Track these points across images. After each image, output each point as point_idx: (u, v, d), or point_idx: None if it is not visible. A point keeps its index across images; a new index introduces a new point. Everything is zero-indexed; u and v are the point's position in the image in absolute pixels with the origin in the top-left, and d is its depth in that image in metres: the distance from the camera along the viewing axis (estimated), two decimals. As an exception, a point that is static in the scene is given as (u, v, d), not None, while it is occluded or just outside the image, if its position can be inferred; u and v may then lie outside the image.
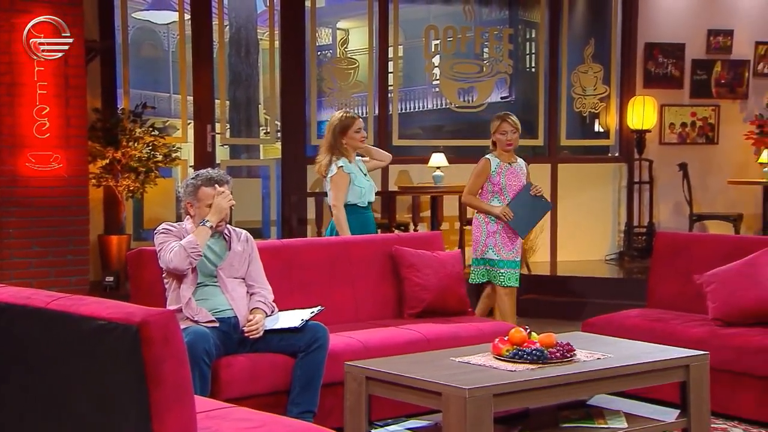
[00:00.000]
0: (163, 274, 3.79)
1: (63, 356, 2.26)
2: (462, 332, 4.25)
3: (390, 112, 8.08)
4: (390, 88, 8.12)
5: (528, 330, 3.37)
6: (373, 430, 3.26)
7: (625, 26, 8.42)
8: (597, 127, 8.89)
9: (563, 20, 8.42)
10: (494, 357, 3.27)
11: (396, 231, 6.92)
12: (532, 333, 3.38)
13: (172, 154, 6.99)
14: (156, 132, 6.99)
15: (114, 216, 6.92)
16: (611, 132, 8.59)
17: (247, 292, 3.87)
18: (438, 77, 8.46)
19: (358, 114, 5.12)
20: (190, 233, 3.75)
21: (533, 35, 9.59)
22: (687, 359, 3.43)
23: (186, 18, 7.49)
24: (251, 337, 3.73)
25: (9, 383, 2.37)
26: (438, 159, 7.45)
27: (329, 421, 3.65)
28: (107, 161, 6.61)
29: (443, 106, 9.12)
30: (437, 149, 7.63)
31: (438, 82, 8.53)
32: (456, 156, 8.17)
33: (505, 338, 3.33)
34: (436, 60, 8.43)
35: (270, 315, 3.85)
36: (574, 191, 8.23)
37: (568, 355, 3.25)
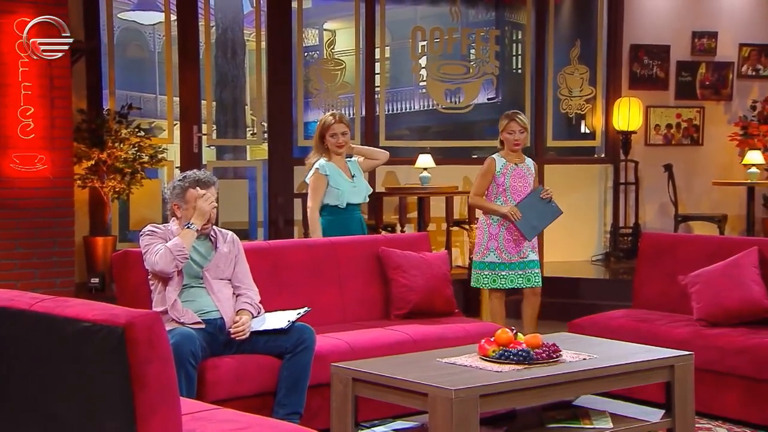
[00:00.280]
0: (149, 276, 3.78)
1: (47, 358, 2.24)
2: (448, 333, 4.26)
3: (377, 113, 8.08)
4: (377, 89, 8.12)
5: (514, 331, 3.38)
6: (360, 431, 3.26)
7: (611, 28, 8.46)
8: (583, 128, 8.93)
9: (549, 22, 8.46)
10: (480, 358, 3.28)
11: (383, 232, 6.92)
12: (518, 334, 3.39)
13: (158, 155, 6.96)
14: (142, 133, 6.96)
15: (100, 217, 6.88)
16: (597, 133, 8.63)
17: (234, 294, 3.86)
18: (425, 78, 8.47)
19: (344, 114, 5.07)
20: (176, 235, 3.74)
21: (520, 37, 9.61)
22: (672, 360, 3.45)
23: (172, 19, 7.47)
24: (237, 339, 3.73)
25: (-7, 386, 2.36)
26: (425, 160, 7.45)
27: (316, 423, 3.65)
28: (93, 162, 6.58)
29: (430, 107, 9.14)
30: (424, 150, 7.64)
31: (425, 84, 8.54)
32: (443, 157, 8.18)
33: (492, 339, 3.33)
34: (423, 61, 8.44)
35: (256, 316, 3.84)
36: (561, 192, 8.17)
37: (554, 356, 3.26)
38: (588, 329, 4.48)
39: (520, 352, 3.22)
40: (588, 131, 8.83)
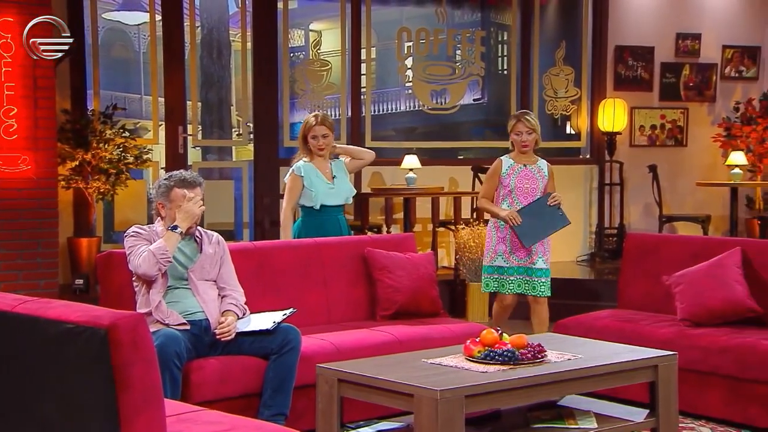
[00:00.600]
0: (133, 278, 3.76)
1: (30, 360, 2.23)
2: (434, 334, 4.27)
3: (363, 114, 8.08)
4: (363, 90, 8.12)
5: (499, 331, 3.39)
6: (345, 433, 3.26)
7: (596, 29, 8.50)
8: (568, 129, 8.97)
9: (535, 23, 8.49)
10: (466, 358, 3.29)
11: (369, 233, 6.92)
12: (504, 334, 3.40)
13: (143, 156, 6.94)
14: (127, 133, 6.93)
15: (84, 218, 6.85)
16: (582, 134, 8.67)
17: (219, 295, 3.85)
18: (411, 79, 8.48)
19: (327, 116, 5.04)
20: (161, 236, 3.73)
21: (505, 38, 9.65)
22: (655, 360, 3.47)
23: (157, 19, 7.44)
24: (223, 340, 3.72)
25: (-25, 388, 2.34)
26: (411, 161, 7.46)
27: (301, 424, 3.65)
28: (77, 163, 6.54)
29: (416, 108, 9.14)
30: (410, 151, 7.65)
31: (411, 84, 8.55)
32: (429, 158, 8.19)
33: (477, 340, 3.34)
34: (409, 62, 8.44)
35: (242, 317, 3.83)
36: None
37: (539, 356, 3.27)
38: (573, 329, 4.50)
39: (506, 353, 3.23)
40: (573, 132, 8.87)
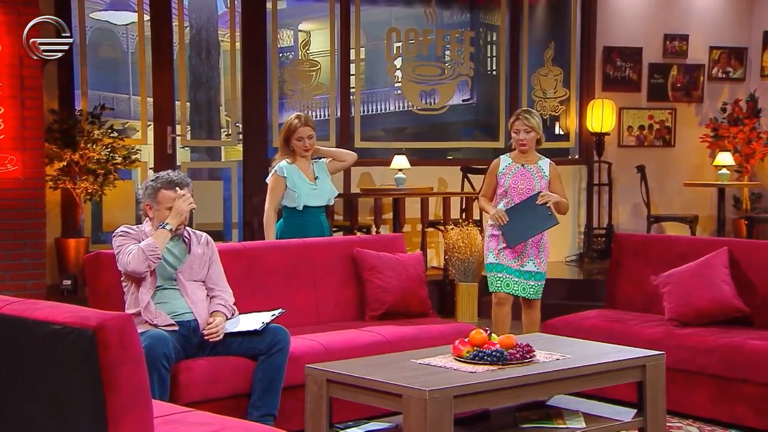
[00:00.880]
0: (122, 278, 3.75)
1: (17, 361, 2.22)
2: (423, 334, 4.27)
3: (352, 114, 8.08)
4: (352, 90, 8.12)
5: (488, 331, 3.39)
6: (334, 433, 3.26)
7: (584, 30, 8.53)
8: (557, 130, 8.99)
9: (523, 24, 8.51)
10: (454, 358, 3.29)
11: (358, 233, 6.92)
12: (492, 334, 3.41)
13: (132, 156, 6.91)
14: (115, 134, 6.90)
15: (72, 219, 6.81)
16: (571, 134, 8.69)
17: (208, 295, 3.84)
18: (400, 79, 8.48)
19: (310, 116, 5.03)
20: (149, 236, 3.72)
21: (494, 38, 9.66)
22: (643, 359, 3.48)
23: (145, 19, 7.41)
24: (211, 341, 3.71)
25: (-39, 390, 2.33)
26: (400, 161, 7.46)
27: (290, 424, 3.64)
28: (64, 163, 6.51)
29: (405, 109, 9.14)
30: (399, 151, 7.65)
31: (400, 85, 8.55)
32: (418, 158, 8.19)
33: (466, 340, 3.34)
34: (398, 62, 8.45)
35: (230, 318, 3.83)
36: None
37: (528, 357, 3.28)
38: (562, 329, 4.51)
39: (494, 353, 3.23)
40: (562, 132, 8.90)
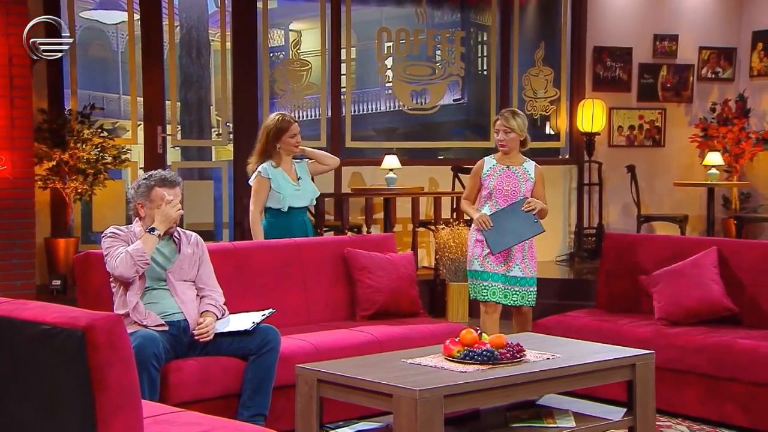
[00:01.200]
0: (111, 278, 3.73)
1: (6, 362, 2.21)
2: (414, 334, 4.27)
3: (343, 114, 8.08)
4: (343, 90, 8.11)
5: (479, 331, 3.40)
6: (325, 433, 3.26)
7: (575, 30, 8.55)
8: (548, 130, 9.01)
9: (514, 24, 8.52)
10: (445, 358, 3.29)
11: (348, 233, 6.92)
12: (483, 334, 3.41)
13: (122, 156, 6.89)
14: (105, 133, 6.88)
15: (61, 219, 6.79)
16: (562, 134, 8.71)
17: (198, 295, 3.83)
18: (391, 79, 8.48)
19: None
20: (138, 237, 3.71)
21: (485, 38, 9.67)
22: (633, 359, 3.49)
23: (135, 18, 7.39)
24: (201, 340, 3.70)
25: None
26: (391, 161, 7.46)
27: (280, 424, 3.64)
28: (54, 163, 6.49)
29: (396, 108, 9.15)
30: (390, 151, 7.65)
31: (391, 84, 8.55)
32: (409, 158, 8.20)
33: (456, 339, 3.35)
34: (389, 62, 8.45)
35: (221, 318, 3.82)
36: (525, 193, 8.31)
37: (518, 356, 3.29)
38: (552, 329, 4.53)
39: (485, 353, 3.24)
40: (552, 132, 8.92)
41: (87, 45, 11.74)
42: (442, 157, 9.06)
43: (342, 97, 8.09)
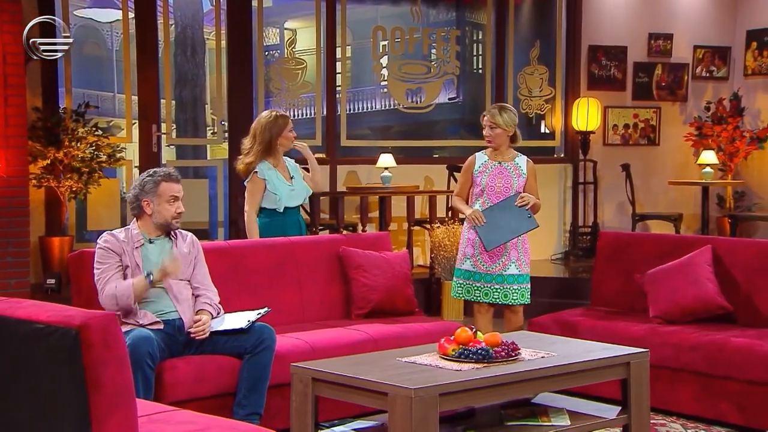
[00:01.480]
0: (106, 277, 3.73)
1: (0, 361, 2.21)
2: (409, 332, 4.27)
3: (338, 113, 8.07)
4: (338, 89, 8.11)
5: (474, 329, 3.40)
6: (320, 431, 3.25)
7: (570, 29, 8.56)
8: (543, 129, 9.02)
9: (509, 22, 8.53)
10: (440, 357, 3.29)
11: (344, 232, 6.92)
12: (478, 332, 3.42)
13: (117, 155, 6.88)
14: (99, 132, 6.86)
15: (56, 217, 6.77)
16: (557, 133, 8.72)
17: (193, 294, 3.83)
18: (386, 78, 8.48)
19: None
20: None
21: (480, 37, 9.67)
22: (627, 357, 3.50)
23: (130, 16, 7.38)
24: (197, 339, 3.70)
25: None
26: (386, 159, 7.46)
27: (276, 423, 3.64)
28: (48, 161, 6.47)
29: (391, 107, 9.15)
30: (385, 150, 7.65)
31: (386, 83, 8.55)
32: (404, 156, 8.19)
33: (452, 338, 3.35)
34: (384, 61, 8.45)
35: (216, 317, 3.82)
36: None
37: (513, 354, 3.29)
38: (547, 327, 4.53)
39: (480, 351, 3.24)
40: (547, 131, 8.92)
41: (82, 43, 11.71)
42: (438, 156, 9.07)
43: (337, 96, 8.08)
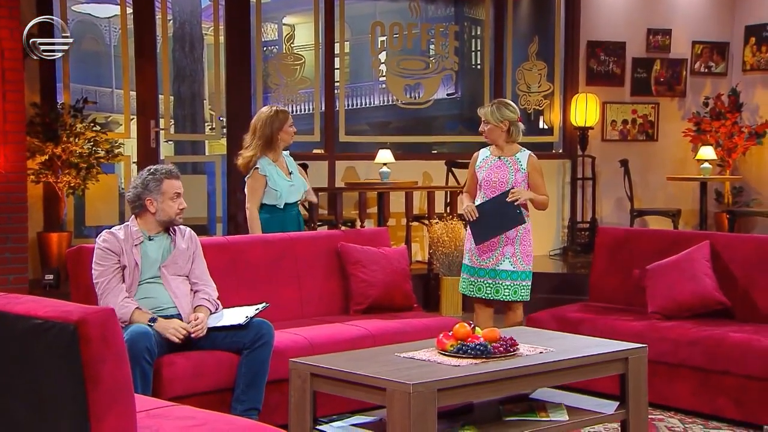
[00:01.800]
0: (104, 272, 3.72)
1: (-2, 357, 2.21)
2: (407, 328, 4.28)
3: (337, 109, 8.07)
4: (336, 84, 8.10)
5: (472, 325, 3.40)
6: (318, 427, 3.26)
7: (568, 24, 8.55)
8: (541, 124, 9.02)
9: (508, 18, 8.52)
10: (438, 352, 3.30)
11: (342, 227, 6.92)
12: (476, 328, 3.42)
13: (115, 150, 6.87)
14: (98, 127, 6.85)
15: (54, 213, 6.77)
16: (555, 129, 8.72)
17: (191, 290, 3.83)
18: (384, 73, 8.47)
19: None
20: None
21: (479, 32, 9.67)
22: (626, 352, 3.50)
23: (128, 12, 7.36)
24: (195, 337, 3.70)
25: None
26: (384, 155, 7.46)
27: (274, 418, 3.64)
28: (46, 157, 6.47)
29: (390, 103, 9.14)
30: (384, 145, 7.66)
31: (384, 79, 8.55)
32: (402, 152, 8.19)
33: (450, 333, 3.35)
34: (383, 56, 8.44)
35: (214, 312, 3.82)
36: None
37: (511, 350, 3.29)
38: (545, 323, 4.54)
39: (478, 346, 3.24)
40: (546, 127, 8.92)
41: (79, 39, 11.68)
42: (436, 152, 9.07)
43: (335, 92, 8.07)
